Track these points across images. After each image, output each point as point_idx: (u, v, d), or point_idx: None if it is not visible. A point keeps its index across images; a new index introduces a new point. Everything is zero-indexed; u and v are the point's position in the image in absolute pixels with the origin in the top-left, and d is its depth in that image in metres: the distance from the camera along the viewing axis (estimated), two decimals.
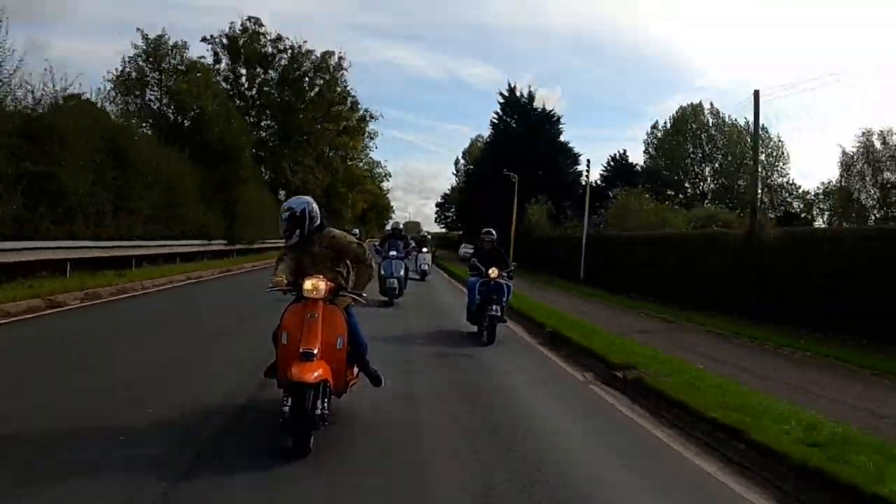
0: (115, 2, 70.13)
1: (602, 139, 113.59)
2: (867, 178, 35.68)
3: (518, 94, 42.14)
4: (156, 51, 18.52)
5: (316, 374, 3.54)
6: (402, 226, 13.72)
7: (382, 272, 11.70)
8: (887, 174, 34.89)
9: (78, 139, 11.48)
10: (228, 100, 22.49)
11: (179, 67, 18.76)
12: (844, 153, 36.68)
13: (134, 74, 18.90)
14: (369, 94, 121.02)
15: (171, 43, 18.69)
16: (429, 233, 33.65)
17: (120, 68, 19.38)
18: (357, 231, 14.76)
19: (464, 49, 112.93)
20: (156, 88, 18.87)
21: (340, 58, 29.35)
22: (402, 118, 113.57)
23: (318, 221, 4.08)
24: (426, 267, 18.87)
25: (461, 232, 53.70)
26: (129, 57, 19.47)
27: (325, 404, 3.65)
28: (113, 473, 3.03)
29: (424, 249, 19.32)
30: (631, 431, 4.59)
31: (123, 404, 4.23)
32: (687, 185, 51.16)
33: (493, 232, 9.02)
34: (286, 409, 3.49)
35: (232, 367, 5.43)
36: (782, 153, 50.21)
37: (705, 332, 10.68)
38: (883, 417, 5.32)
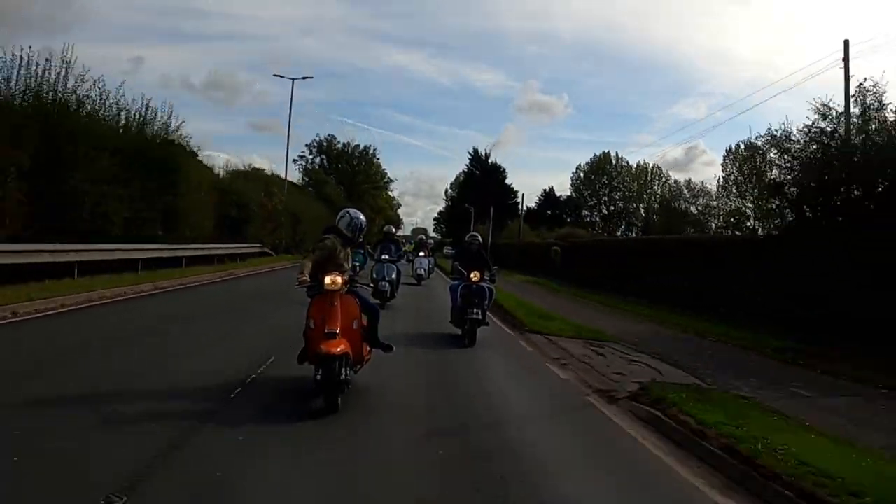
0: (124, 8, 73.86)
1: (608, 144, 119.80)
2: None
3: (480, 153, 67.17)
4: (310, 174, 43.63)
5: (339, 348, 4.54)
6: (393, 230, 13.91)
7: (374, 275, 11.75)
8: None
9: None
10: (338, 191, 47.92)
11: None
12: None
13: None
14: (378, 99, 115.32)
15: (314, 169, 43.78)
16: (430, 238, 43.00)
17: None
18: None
19: (472, 55, 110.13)
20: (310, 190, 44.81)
21: (375, 149, 54.92)
22: (411, 123, 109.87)
23: None
24: (422, 272, 18.64)
25: (451, 239, 78.29)
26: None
27: (347, 372, 4.64)
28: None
29: (422, 254, 19.44)
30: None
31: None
32: (602, 208, 75.30)
33: (479, 235, 9.57)
34: (318, 377, 4.49)
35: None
36: (680, 189, 73.59)
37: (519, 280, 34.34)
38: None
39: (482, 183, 63.07)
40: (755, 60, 79.13)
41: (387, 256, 11.84)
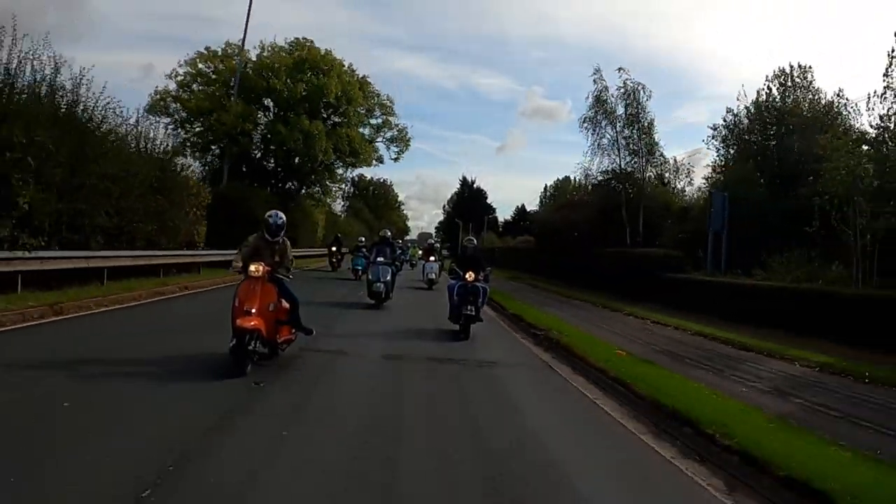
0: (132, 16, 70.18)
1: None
2: None
3: (468, 180, 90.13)
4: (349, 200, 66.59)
5: (253, 323, 5.59)
6: (389, 234, 14.48)
7: (370, 276, 12.40)
8: None
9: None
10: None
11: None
12: None
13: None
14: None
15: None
16: (438, 241, 42.54)
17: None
18: (363, 238, 21.83)
19: (477, 60, 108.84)
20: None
21: (392, 182, 77.74)
22: (417, 128, 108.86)
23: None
24: (433, 276, 18.97)
25: (448, 243, 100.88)
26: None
27: (257, 345, 5.77)
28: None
29: (432, 258, 20.00)
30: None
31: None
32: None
33: (475, 240, 10.88)
34: (232, 345, 5.54)
35: None
36: None
37: None
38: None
39: (469, 202, 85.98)
40: (759, 64, 79.67)
41: (382, 259, 12.45)
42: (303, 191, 29.33)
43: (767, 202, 18.43)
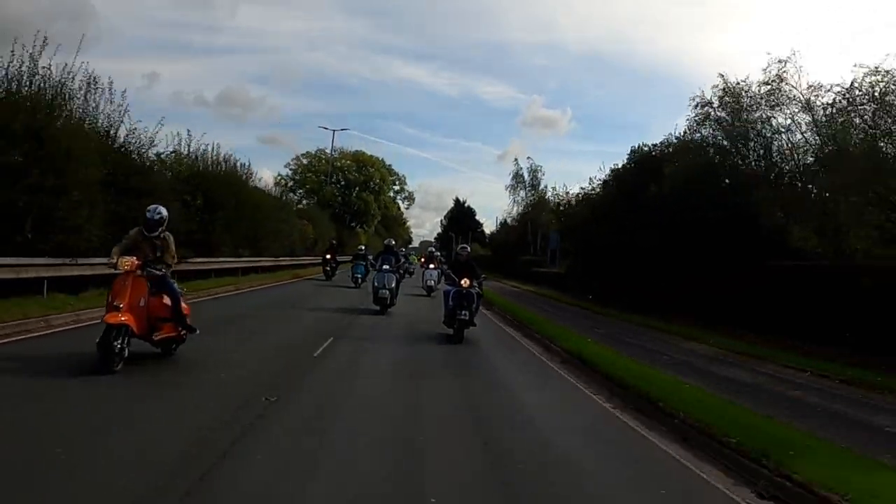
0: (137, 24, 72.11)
1: (613, 155, 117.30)
2: None
3: (461, 200, 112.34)
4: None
5: (121, 319, 5.54)
6: (393, 243, 15.19)
7: (375, 283, 13.00)
8: None
9: None
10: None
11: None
12: None
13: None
14: (386, 112, 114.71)
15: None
16: (439, 251, 45.38)
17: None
18: (363, 247, 23.42)
19: (479, 67, 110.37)
20: None
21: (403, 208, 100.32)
22: (419, 136, 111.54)
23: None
24: (432, 283, 19.64)
25: (445, 252, 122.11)
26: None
27: (126, 340, 5.65)
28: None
29: (432, 266, 20.96)
30: None
31: None
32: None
33: (468, 247, 11.75)
34: (97, 340, 5.46)
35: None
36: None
37: None
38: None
39: (461, 219, 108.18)
40: (760, 69, 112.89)
41: (387, 267, 13.22)
42: (357, 225, 52.12)
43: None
